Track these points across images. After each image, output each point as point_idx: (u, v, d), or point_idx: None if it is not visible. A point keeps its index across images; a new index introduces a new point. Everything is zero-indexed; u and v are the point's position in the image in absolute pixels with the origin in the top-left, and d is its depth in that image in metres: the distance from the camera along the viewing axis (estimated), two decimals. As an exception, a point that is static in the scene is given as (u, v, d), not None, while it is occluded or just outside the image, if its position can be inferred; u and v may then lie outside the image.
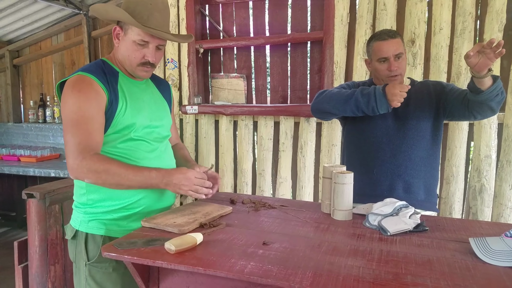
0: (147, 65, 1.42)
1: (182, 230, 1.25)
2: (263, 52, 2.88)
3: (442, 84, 1.77)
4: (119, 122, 1.37)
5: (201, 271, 1.01)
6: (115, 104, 1.36)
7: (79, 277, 1.43)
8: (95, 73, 1.35)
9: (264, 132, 2.79)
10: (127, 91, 1.42)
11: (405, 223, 1.32)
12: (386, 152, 1.74)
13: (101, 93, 1.33)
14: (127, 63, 1.42)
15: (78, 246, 1.41)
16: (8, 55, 4.04)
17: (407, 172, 1.72)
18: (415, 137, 1.72)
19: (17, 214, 4.35)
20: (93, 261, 1.38)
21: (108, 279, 1.39)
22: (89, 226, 1.40)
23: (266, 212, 1.51)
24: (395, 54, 1.67)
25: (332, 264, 1.04)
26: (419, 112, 1.73)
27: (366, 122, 1.77)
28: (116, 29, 1.41)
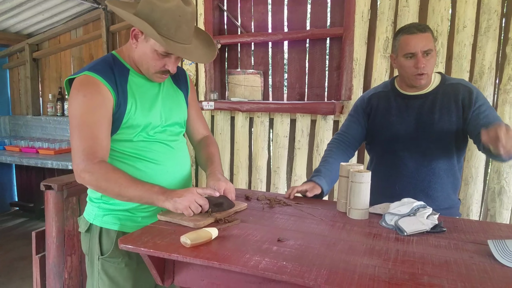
0: (166, 73, 1.38)
1: (198, 224, 1.26)
2: (281, 48, 2.87)
3: (471, 99, 1.58)
4: (130, 123, 1.34)
5: (216, 265, 1.02)
6: (123, 105, 1.32)
7: (92, 270, 1.44)
8: (102, 73, 1.29)
9: (280, 129, 2.78)
10: (137, 90, 1.37)
11: (422, 223, 1.30)
12: (409, 167, 1.67)
13: (107, 96, 1.29)
14: (144, 68, 1.36)
15: (92, 240, 1.42)
16: (28, 49, 4.12)
17: (430, 186, 1.65)
18: (439, 149, 1.63)
19: (35, 205, 4.46)
20: (107, 256, 1.39)
21: (120, 274, 1.40)
22: (104, 220, 1.41)
23: (281, 209, 1.50)
24: (423, 50, 1.55)
25: (347, 263, 1.03)
26: (444, 123, 1.61)
27: (382, 131, 1.71)
28: (135, 30, 1.32)
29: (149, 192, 1.26)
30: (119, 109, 1.31)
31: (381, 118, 1.71)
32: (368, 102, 1.77)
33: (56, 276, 2.14)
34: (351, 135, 1.79)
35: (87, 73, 1.29)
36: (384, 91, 1.75)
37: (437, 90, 1.64)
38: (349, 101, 2.55)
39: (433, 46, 1.58)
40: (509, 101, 2.20)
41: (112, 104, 1.30)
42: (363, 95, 1.84)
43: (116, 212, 1.40)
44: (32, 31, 4.08)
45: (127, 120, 1.33)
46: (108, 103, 1.29)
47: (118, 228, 1.40)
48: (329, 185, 1.68)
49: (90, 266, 1.45)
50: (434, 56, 1.59)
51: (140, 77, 1.41)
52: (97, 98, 1.27)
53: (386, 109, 1.70)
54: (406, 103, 1.67)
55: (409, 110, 1.66)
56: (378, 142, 1.76)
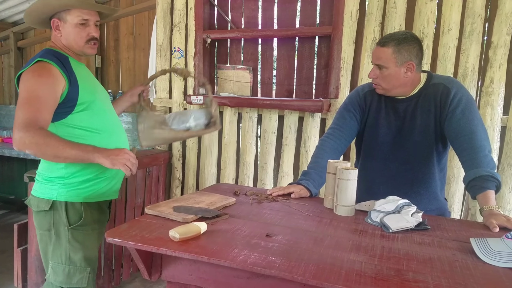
0: (94, 41, 1.60)
1: (186, 219, 1.26)
2: (270, 45, 2.87)
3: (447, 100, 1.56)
4: (82, 101, 1.52)
5: (205, 259, 1.02)
6: (75, 86, 1.51)
7: (59, 241, 1.57)
8: (53, 60, 1.48)
9: (268, 125, 2.79)
10: (79, 73, 1.56)
11: (407, 221, 1.33)
12: (392, 170, 1.69)
13: (59, 79, 1.47)
14: (75, 46, 1.58)
15: (56, 215, 1.56)
16: (13, 37, 4.02)
17: (413, 189, 1.67)
18: (422, 154, 1.64)
19: (16, 197, 4.36)
20: (76, 225, 1.57)
21: (89, 238, 1.62)
22: (68, 195, 1.56)
23: (269, 205, 1.52)
24: (375, 63, 1.59)
25: (334, 258, 1.05)
26: (424, 127, 1.61)
27: (372, 137, 1.72)
28: (54, 22, 1.56)
29: (84, 151, 1.44)
30: (71, 89, 1.49)
31: (372, 119, 1.72)
32: (364, 99, 1.74)
33: (39, 269, 2.11)
34: (345, 129, 1.75)
35: (39, 59, 1.47)
36: None
37: (419, 92, 1.63)
38: (336, 100, 2.57)
39: (388, 62, 1.55)
40: (491, 103, 2.26)
41: (64, 85, 1.48)
42: (357, 90, 1.81)
43: (79, 185, 1.57)
44: (18, 19, 3.98)
45: (80, 97, 1.51)
46: (58, 86, 1.46)
47: (82, 200, 1.58)
48: (318, 188, 1.68)
49: (55, 239, 1.57)
50: (390, 72, 1.56)
51: (77, 62, 1.61)
52: (50, 79, 1.45)
53: (377, 110, 1.71)
54: (394, 106, 1.67)
55: (396, 114, 1.67)
56: (365, 142, 1.77)
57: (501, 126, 2.28)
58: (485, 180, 1.42)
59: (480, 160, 1.46)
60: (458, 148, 1.53)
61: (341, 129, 1.76)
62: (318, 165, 1.70)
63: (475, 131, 1.51)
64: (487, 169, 1.43)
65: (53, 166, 1.56)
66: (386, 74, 1.58)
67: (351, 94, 1.83)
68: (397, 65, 1.55)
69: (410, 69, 1.57)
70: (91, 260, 1.61)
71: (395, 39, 1.55)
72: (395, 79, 1.58)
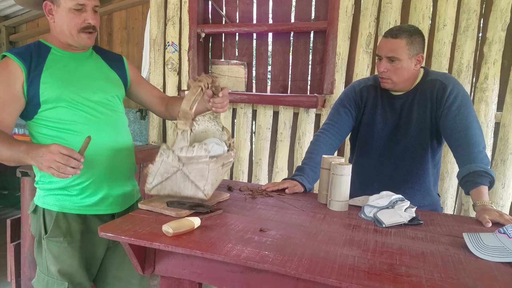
0: (90, 29, 1.41)
1: (180, 214, 1.26)
2: (265, 40, 2.86)
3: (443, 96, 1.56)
4: (48, 95, 1.36)
5: (199, 254, 1.02)
6: (37, 79, 1.35)
7: (40, 250, 1.47)
8: (17, 53, 1.36)
9: (262, 121, 2.78)
10: (57, 63, 1.41)
11: (400, 216, 1.33)
12: (387, 166, 1.69)
13: (15, 71, 1.33)
14: (68, 34, 1.40)
15: (38, 220, 1.46)
16: (4, 31, 3.98)
17: (407, 185, 1.67)
18: (417, 149, 1.65)
19: (9, 192, 4.33)
20: (49, 235, 1.43)
21: (65, 252, 1.44)
22: (45, 201, 1.45)
23: (263, 200, 1.52)
24: (387, 56, 1.55)
25: (327, 253, 1.05)
26: (420, 123, 1.62)
27: (368, 133, 1.71)
28: (47, 5, 1.39)
29: (17, 151, 1.26)
30: (32, 83, 1.34)
31: (368, 116, 1.71)
32: (359, 94, 1.73)
33: (32, 264, 2.10)
34: (340, 125, 1.73)
35: (4, 54, 1.38)
36: (373, 85, 1.72)
37: (416, 88, 1.64)
38: (331, 95, 2.57)
39: (401, 54, 1.53)
40: (485, 100, 2.27)
41: (22, 79, 1.34)
42: (353, 85, 1.79)
43: (54, 191, 1.43)
44: (9, 13, 3.94)
45: (43, 92, 1.35)
46: (14, 80, 1.33)
47: (58, 209, 1.43)
48: (312, 184, 1.67)
49: (37, 246, 1.48)
50: (402, 65, 1.54)
51: (63, 52, 1.45)
52: (3, 73, 1.34)
53: (373, 106, 1.70)
54: (391, 102, 1.67)
55: (392, 111, 1.67)
56: (361, 138, 1.76)
57: (495, 122, 2.30)
58: (479, 176, 1.42)
59: (475, 156, 1.46)
60: (453, 144, 1.53)
61: (336, 125, 1.74)
62: (312, 161, 1.69)
63: (470, 128, 1.51)
64: (481, 165, 1.44)
65: (34, 168, 1.46)
66: (398, 66, 1.55)
67: (347, 89, 1.81)
68: (409, 57, 1.55)
69: (419, 61, 1.57)
70: (69, 275, 1.45)
71: (407, 30, 1.54)
72: (406, 72, 1.57)
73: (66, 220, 1.44)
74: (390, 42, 1.54)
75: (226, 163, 1.38)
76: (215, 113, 1.54)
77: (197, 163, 1.23)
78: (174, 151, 1.24)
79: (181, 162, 1.24)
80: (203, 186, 1.25)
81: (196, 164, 1.24)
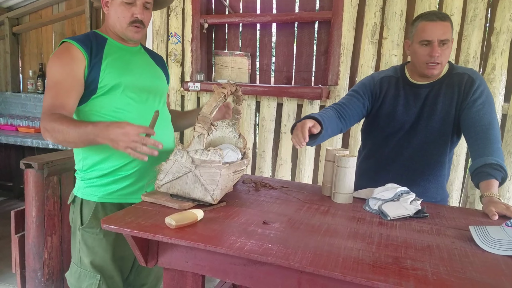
0: (137, 23, 1.46)
1: (183, 206, 1.25)
2: (269, 31, 2.83)
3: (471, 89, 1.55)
4: (105, 82, 1.40)
5: (201, 246, 1.01)
6: (97, 66, 1.39)
7: (75, 240, 1.50)
8: (78, 39, 1.40)
9: (266, 113, 2.76)
10: (114, 54, 1.46)
11: (406, 208, 1.32)
12: (404, 156, 1.65)
13: (78, 57, 1.37)
14: (118, 26, 1.46)
15: (75, 211, 1.48)
16: (8, 23, 3.95)
17: (423, 177, 1.65)
18: (437, 141, 1.61)
19: (14, 184, 4.35)
20: (85, 226, 1.45)
21: (99, 244, 1.45)
22: (85, 192, 1.47)
23: (266, 193, 1.50)
24: (440, 39, 1.50)
25: (331, 246, 1.04)
26: (444, 114, 1.58)
27: (388, 124, 1.67)
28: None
29: (84, 132, 1.26)
30: (93, 69, 1.38)
31: (389, 106, 1.66)
32: (379, 85, 1.68)
33: (36, 256, 2.11)
34: (350, 110, 1.66)
35: (64, 40, 1.42)
36: (394, 77, 1.68)
37: (443, 79, 1.60)
38: (335, 86, 2.55)
39: (450, 36, 1.53)
40: (492, 91, 2.23)
41: (84, 65, 1.38)
42: (372, 75, 1.74)
43: (95, 181, 1.45)
44: (12, 4, 3.91)
45: (102, 79, 1.39)
46: (77, 65, 1.37)
47: (97, 199, 1.45)
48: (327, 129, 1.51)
49: (73, 237, 1.50)
50: (450, 47, 1.54)
51: (118, 45, 1.51)
52: (67, 59, 1.37)
53: (394, 97, 1.66)
54: (414, 92, 1.63)
55: (416, 100, 1.63)
56: (379, 129, 1.71)
57: (502, 113, 2.27)
58: (493, 169, 1.40)
59: (493, 150, 1.44)
60: (472, 137, 1.51)
61: (345, 107, 1.66)
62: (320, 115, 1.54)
63: (492, 124, 1.50)
64: (497, 159, 1.42)
65: (76, 157, 1.50)
66: (449, 49, 1.55)
67: (364, 79, 1.76)
68: (452, 40, 1.56)
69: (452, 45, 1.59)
70: (101, 267, 1.45)
71: (444, 14, 1.54)
72: (449, 55, 1.58)
73: (105, 211, 1.45)
74: (440, 25, 1.51)
75: (238, 170, 1.38)
76: (234, 120, 1.56)
77: (209, 167, 1.23)
78: (189, 152, 1.24)
79: (194, 164, 1.24)
80: (213, 190, 1.25)
81: (208, 168, 1.23)
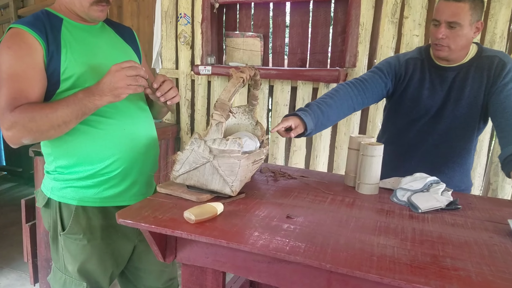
0: (102, 2, 1.26)
1: (201, 198, 1.18)
2: (282, 10, 2.71)
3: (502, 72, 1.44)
4: (69, 73, 1.20)
5: (224, 244, 0.94)
6: (56, 54, 1.18)
7: (56, 246, 1.35)
8: (29, 24, 1.17)
9: (280, 97, 2.67)
10: (74, 38, 1.24)
11: (437, 200, 1.24)
12: (429, 143, 1.57)
13: (35, 46, 1.16)
14: (77, 5, 1.24)
15: (52, 215, 1.32)
16: (13, 5, 3.86)
17: (447, 164, 1.56)
18: (464, 127, 1.53)
19: (24, 170, 4.34)
20: (66, 232, 1.30)
21: (83, 251, 1.31)
22: (61, 194, 1.29)
23: (286, 183, 1.43)
24: (447, 21, 1.40)
25: (363, 243, 0.97)
26: (472, 98, 1.49)
27: (412, 108, 1.57)
28: None
29: (76, 101, 1.12)
30: (52, 59, 1.18)
31: (413, 90, 1.57)
32: (404, 66, 1.59)
33: (48, 245, 2.08)
34: (371, 87, 1.56)
35: (12, 26, 1.19)
36: (419, 59, 1.58)
37: (471, 62, 1.50)
38: (353, 69, 2.44)
39: (464, 19, 1.39)
40: (520, 73, 2.12)
41: (42, 54, 1.17)
42: (397, 56, 1.65)
43: (74, 182, 1.28)
44: (15, -15, 3.82)
45: (64, 70, 1.19)
46: (35, 53, 1.16)
47: (77, 202, 1.29)
48: (315, 125, 1.45)
49: (53, 243, 1.35)
50: (461, 31, 1.41)
51: (76, 24, 1.28)
52: (23, 50, 1.15)
53: (420, 80, 1.56)
54: (440, 75, 1.53)
55: (442, 84, 1.53)
56: (402, 113, 1.62)
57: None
58: None
59: None
60: (501, 124, 1.41)
61: (365, 83, 1.57)
62: (323, 101, 1.51)
63: None
64: None
65: (46, 157, 1.32)
66: (459, 33, 1.41)
67: (389, 58, 1.66)
68: (470, 24, 1.41)
69: (478, 29, 1.44)
70: (87, 274, 1.33)
71: None
72: (465, 39, 1.44)
73: (86, 215, 1.30)
74: (452, 6, 1.39)
75: (257, 160, 1.30)
76: (250, 106, 1.45)
77: (228, 157, 1.15)
78: (206, 141, 1.16)
79: (212, 154, 1.16)
80: (232, 182, 1.18)
81: (227, 158, 1.15)
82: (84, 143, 1.26)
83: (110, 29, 1.42)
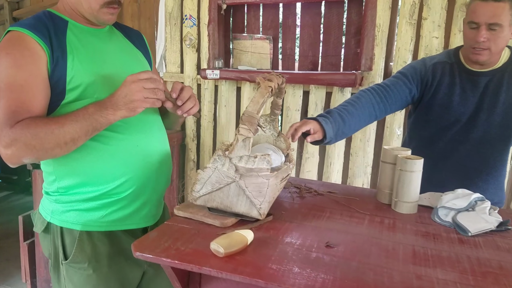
0: (114, 5, 1.13)
1: (225, 223, 1.05)
2: (293, 11, 2.57)
3: None
4: (76, 82, 1.07)
5: (262, 284, 0.81)
6: (62, 61, 1.05)
7: (58, 276, 1.21)
8: (31, 27, 1.05)
9: (291, 102, 2.54)
10: (80, 42, 1.12)
11: (486, 221, 1.12)
12: (461, 153, 1.46)
13: (37, 52, 1.03)
14: (85, 7, 1.11)
15: (54, 241, 1.18)
16: (8, 7, 3.72)
17: (481, 177, 1.46)
18: (499, 136, 1.43)
19: (19, 177, 4.18)
20: (70, 261, 1.15)
21: (88, 281, 1.17)
22: (63, 218, 1.16)
23: (313, 200, 1.31)
24: (488, 23, 1.31)
25: (421, 279, 0.84)
26: (508, 106, 1.40)
27: (442, 116, 1.47)
28: None
29: (86, 115, 1.00)
30: (57, 66, 1.05)
31: (443, 96, 1.46)
32: (431, 71, 1.48)
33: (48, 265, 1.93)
34: (394, 94, 1.47)
35: (11, 29, 1.06)
36: (448, 62, 1.48)
37: (505, 67, 1.40)
38: (369, 72, 2.31)
39: (504, 20, 1.31)
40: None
41: (46, 61, 1.04)
42: (424, 60, 1.54)
43: (78, 205, 1.14)
44: (10, -13, 3.67)
45: (71, 78, 1.06)
46: (38, 60, 1.03)
47: (80, 227, 1.15)
48: (335, 135, 1.35)
49: (55, 272, 1.21)
50: (502, 33, 1.32)
51: (83, 28, 1.15)
52: (24, 54, 1.03)
53: (450, 85, 1.46)
54: (472, 80, 1.43)
55: (474, 90, 1.43)
56: (431, 121, 1.51)
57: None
58: None
59: None
60: None
61: (388, 90, 1.47)
62: (345, 108, 1.42)
63: None
64: None
65: (46, 177, 1.18)
66: (500, 35, 1.32)
67: (415, 62, 1.56)
68: (510, 24, 1.32)
69: None
70: None
71: None
72: (505, 41, 1.34)
73: (91, 241, 1.16)
74: (492, 6, 1.30)
75: (285, 177, 1.18)
76: (272, 116, 1.33)
77: (256, 176, 1.02)
78: (232, 159, 1.02)
79: (239, 173, 1.03)
80: (260, 204, 1.04)
81: (255, 178, 1.02)
82: (92, 161, 1.12)
83: (119, 33, 1.29)
